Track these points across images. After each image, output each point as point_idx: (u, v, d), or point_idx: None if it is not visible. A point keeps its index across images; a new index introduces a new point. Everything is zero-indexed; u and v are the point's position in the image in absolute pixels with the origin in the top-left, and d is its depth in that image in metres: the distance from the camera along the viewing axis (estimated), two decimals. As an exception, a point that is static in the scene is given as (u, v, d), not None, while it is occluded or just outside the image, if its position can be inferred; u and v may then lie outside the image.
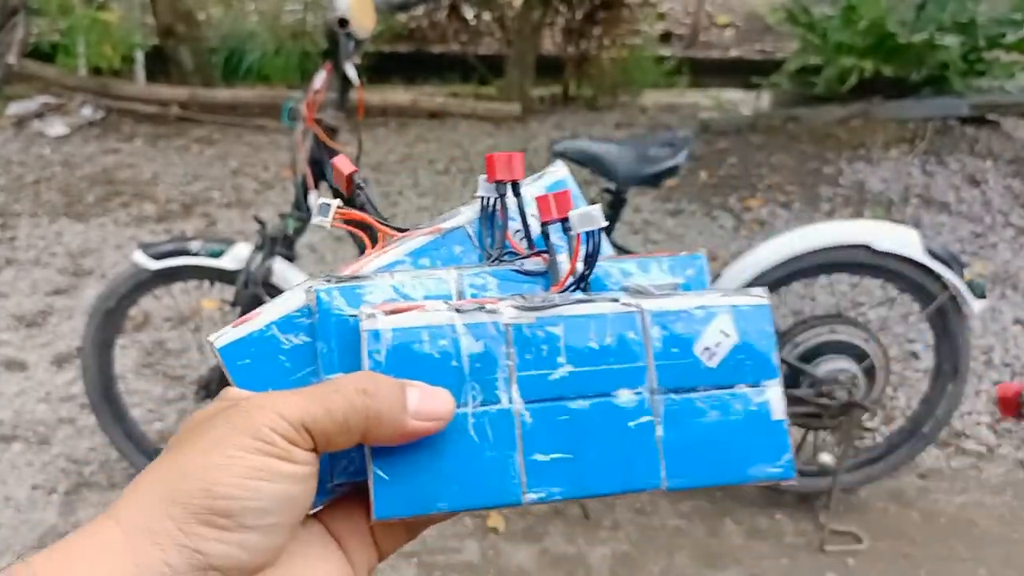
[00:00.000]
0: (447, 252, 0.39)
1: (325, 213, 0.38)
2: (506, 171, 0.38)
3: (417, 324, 0.34)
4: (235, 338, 0.35)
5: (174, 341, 2.68)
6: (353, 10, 1.61)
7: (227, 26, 5.65)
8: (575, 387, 0.35)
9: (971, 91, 4.26)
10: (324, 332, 0.34)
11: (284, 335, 0.35)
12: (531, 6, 4.79)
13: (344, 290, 0.35)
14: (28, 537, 1.96)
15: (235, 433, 0.30)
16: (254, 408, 0.30)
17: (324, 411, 0.30)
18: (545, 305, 0.35)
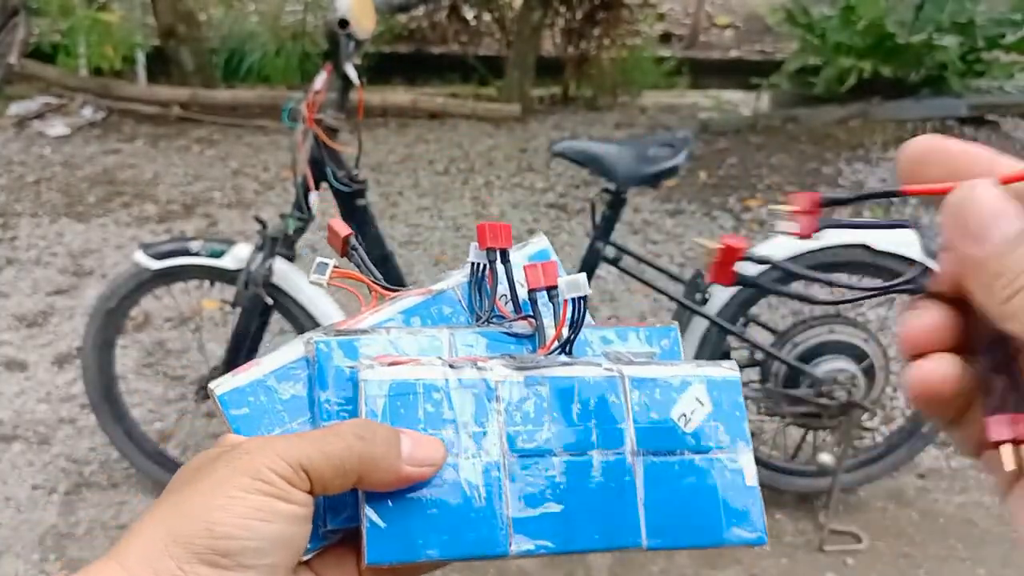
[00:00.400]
0: (437, 312, 0.41)
1: (322, 272, 0.41)
2: (496, 240, 0.41)
3: (413, 377, 0.35)
4: (234, 387, 0.36)
5: (175, 341, 2.68)
6: (353, 11, 1.61)
7: (228, 27, 5.65)
8: (560, 444, 0.36)
9: (970, 91, 4.27)
10: (322, 381, 0.36)
11: (281, 385, 0.37)
12: (531, 7, 4.79)
13: (342, 343, 0.37)
14: (28, 537, 1.96)
15: (236, 474, 0.30)
16: (255, 450, 0.31)
17: (322, 454, 0.31)
18: (533, 365, 0.37)
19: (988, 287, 0.23)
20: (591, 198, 3.51)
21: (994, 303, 0.23)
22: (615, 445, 0.37)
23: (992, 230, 0.24)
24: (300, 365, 0.37)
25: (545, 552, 0.35)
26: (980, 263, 0.24)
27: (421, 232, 3.43)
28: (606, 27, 5.02)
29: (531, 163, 4.14)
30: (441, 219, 3.54)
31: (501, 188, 3.86)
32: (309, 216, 1.81)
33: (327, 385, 0.36)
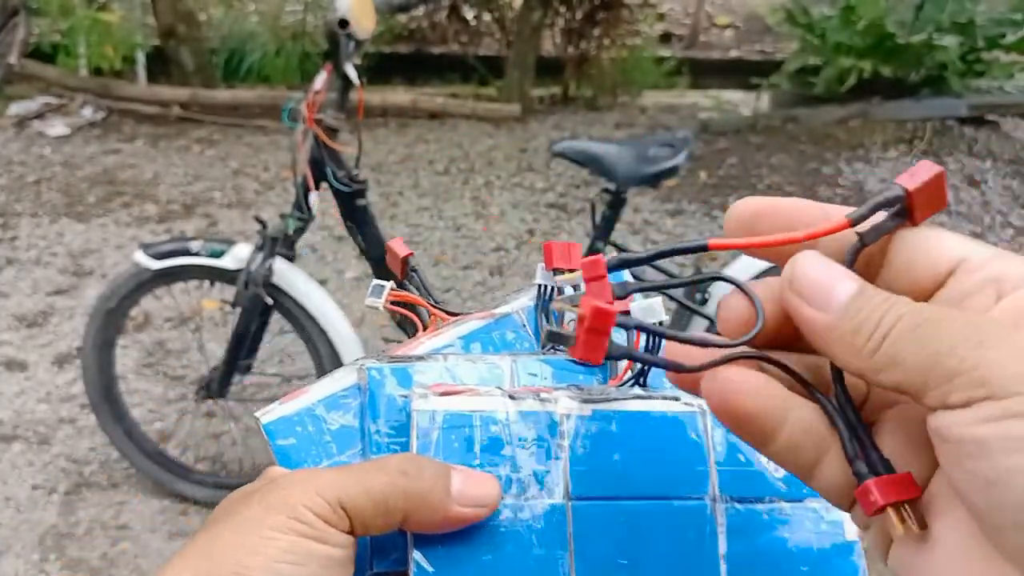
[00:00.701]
0: (499, 338, 0.38)
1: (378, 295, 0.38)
2: (564, 260, 0.38)
3: (469, 408, 0.33)
4: (281, 415, 0.34)
5: (175, 341, 2.68)
6: (353, 11, 1.61)
7: (228, 27, 5.65)
8: (630, 487, 0.33)
9: (970, 91, 4.27)
10: (373, 410, 0.34)
11: (331, 414, 0.34)
12: (531, 7, 4.79)
13: (396, 370, 0.34)
14: (28, 537, 1.96)
15: (269, 512, 0.28)
16: (291, 485, 0.29)
17: (363, 490, 0.29)
18: (602, 398, 0.33)
19: (849, 345, 0.24)
20: (591, 198, 3.51)
21: (860, 359, 0.23)
22: (695, 490, 0.33)
23: (833, 294, 0.24)
24: (351, 393, 0.34)
25: None
26: (832, 326, 0.24)
27: (421, 232, 3.44)
28: (606, 27, 5.03)
29: (531, 163, 4.15)
30: (441, 219, 3.55)
31: (501, 188, 3.86)
32: (309, 216, 1.81)
33: (378, 415, 0.34)
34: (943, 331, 0.22)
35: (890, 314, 0.23)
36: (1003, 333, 0.21)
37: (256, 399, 2.34)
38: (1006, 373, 0.20)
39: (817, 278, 0.25)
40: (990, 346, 0.21)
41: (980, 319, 0.22)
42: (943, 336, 0.22)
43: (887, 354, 0.22)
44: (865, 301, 0.24)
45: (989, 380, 0.20)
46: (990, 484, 0.20)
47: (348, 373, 0.35)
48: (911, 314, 0.23)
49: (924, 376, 0.22)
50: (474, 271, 3.15)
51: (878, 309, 0.23)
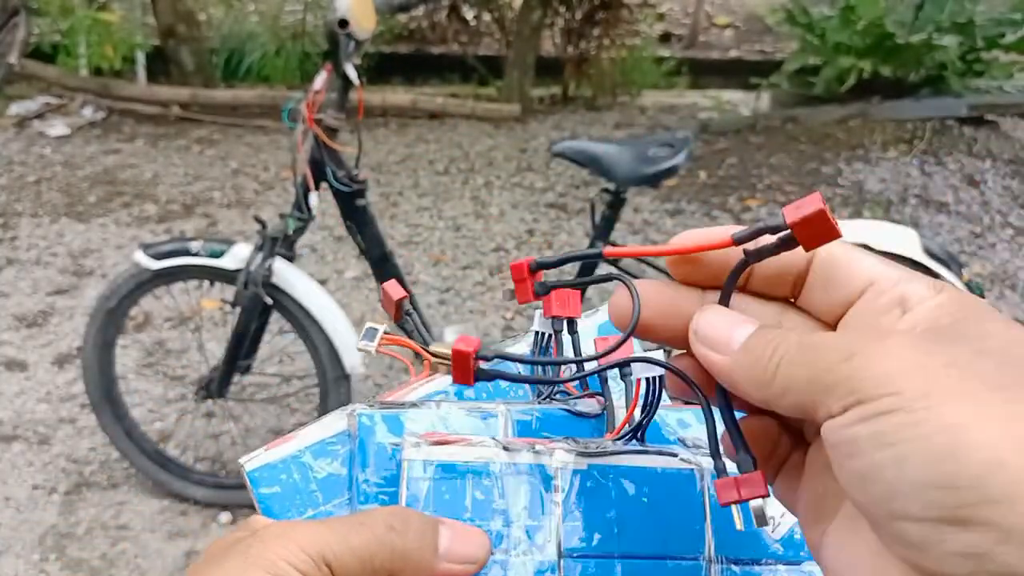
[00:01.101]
0: (495, 384, 0.38)
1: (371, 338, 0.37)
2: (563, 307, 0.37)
3: (462, 459, 0.32)
4: (265, 462, 0.33)
5: (175, 341, 2.69)
6: (353, 11, 1.62)
7: (227, 27, 5.65)
8: (625, 544, 0.32)
9: (969, 91, 4.27)
10: (363, 458, 0.33)
11: (317, 461, 0.33)
12: (531, 7, 4.80)
13: (387, 416, 0.33)
14: (28, 537, 1.97)
15: (248, 568, 0.27)
16: (272, 538, 0.28)
17: (348, 547, 0.28)
18: (599, 452, 0.33)
19: (749, 379, 0.26)
20: (591, 198, 3.51)
21: (760, 390, 0.26)
22: (691, 550, 0.32)
23: (731, 339, 0.27)
24: (340, 440, 0.33)
25: None
26: (733, 366, 0.27)
27: (421, 232, 3.44)
28: (606, 27, 5.03)
29: (531, 163, 4.15)
30: (441, 219, 3.55)
31: (501, 188, 3.86)
32: (309, 216, 1.82)
33: (368, 463, 0.32)
34: (821, 352, 0.24)
35: (780, 346, 0.25)
36: (870, 344, 0.23)
37: (256, 399, 2.34)
38: (871, 375, 0.22)
39: (717, 327, 0.28)
40: (858, 357, 0.23)
41: (852, 335, 0.24)
42: (821, 357, 0.24)
43: (780, 382, 0.25)
44: (759, 339, 0.26)
45: (858, 387, 0.22)
46: (863, 479, 0.22)
47: (338, 419, 0.34)
48: (798, 342, 0.25)
49: (812, 396, 0.24)
50: (474, 271, 3.15)
51: (770, 344, 0.26)
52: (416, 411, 0.34)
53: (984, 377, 0.21)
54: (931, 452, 0.21)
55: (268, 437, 2.24)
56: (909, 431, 0.21)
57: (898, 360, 0.22)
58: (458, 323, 2.59)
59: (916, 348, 0.22)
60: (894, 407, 0.21)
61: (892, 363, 0.22)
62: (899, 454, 0.21)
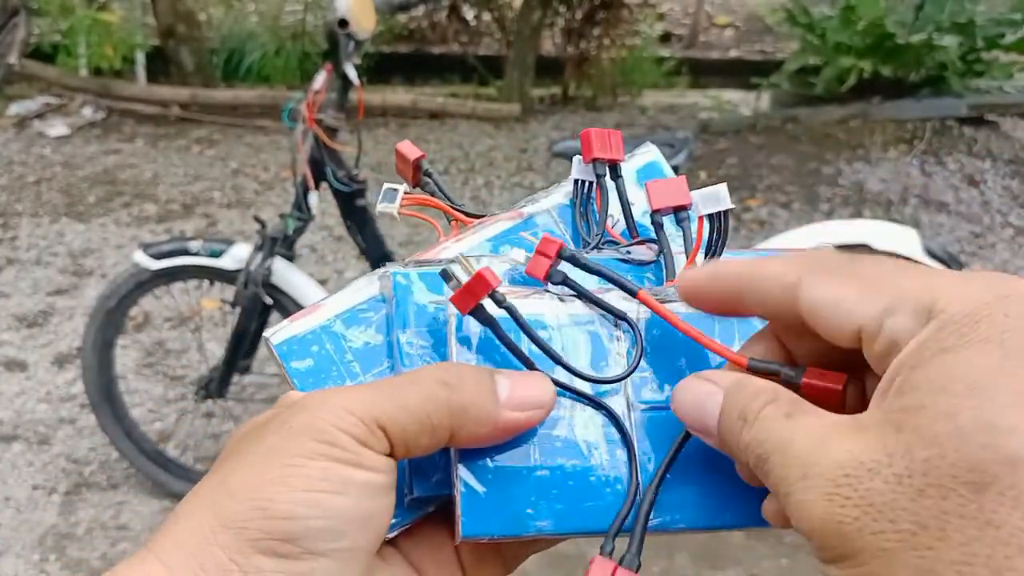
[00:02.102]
0: (532, 238, 0.34)
1: (391, 199, 0.34)
2: (605, 150, 0.34)
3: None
4: (293, 334, 0.30)
5: (174, 341, 2.68)
6: (353, 11, 1.61)
7: (227, 27, 5.65)
8: None
9: (969, 91, 4.27)
10: (403, 320, 0.30)
11: (351, 330, 0.30)
12: (531, 7, 4.80)
13: (424, 275, 0.30)
14: (28, 537, 1.96)
15: (294, 437, 0.25)
16: (316, 405, 0.25)
17: (401, 407, 0.25)
18: (663, 299, 0.30)
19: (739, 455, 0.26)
20: (591, 198, 3.50)
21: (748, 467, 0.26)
22: None
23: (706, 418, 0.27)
24: (372, 306, 0.30)
25: (683, 527, 0.29)
26: (722, 445, 0.26)
27: (421, 232, 3.44)
28: (606, 27, 5.02)
29: (531, 163, 4.15)
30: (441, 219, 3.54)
31: (501, 188, 3.86)
32: (309, 216, 1.81)
33: (408, 324, 0.29)
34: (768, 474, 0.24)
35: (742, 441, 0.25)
36: (796, 486, 0.22)
37: (256, 399, 2.34)
38: (806, 529, 0.22)
39: (693, 404, 0.27)
40: (791, 499, 0.23)
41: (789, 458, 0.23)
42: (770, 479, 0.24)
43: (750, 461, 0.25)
44: (731, 409, 0.26)
45: (803, 530, 0.22)
46: None
47: (368, 283, 0.31)
48: (751, 447, 0.24)
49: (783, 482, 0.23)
50: (474, 271, 3.15)
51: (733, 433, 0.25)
52: (455, 267, 0.30)
53: (899, 519, 0.20)
54: None
55: (268, 437, 2.24)
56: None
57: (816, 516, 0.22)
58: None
59: (831, 496, 0.21)
60: (834, 559, 0.22)
61: (812, 520, 0.22)
62: None
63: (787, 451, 0.23)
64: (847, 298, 0.24)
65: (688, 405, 0.27)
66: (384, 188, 0.34)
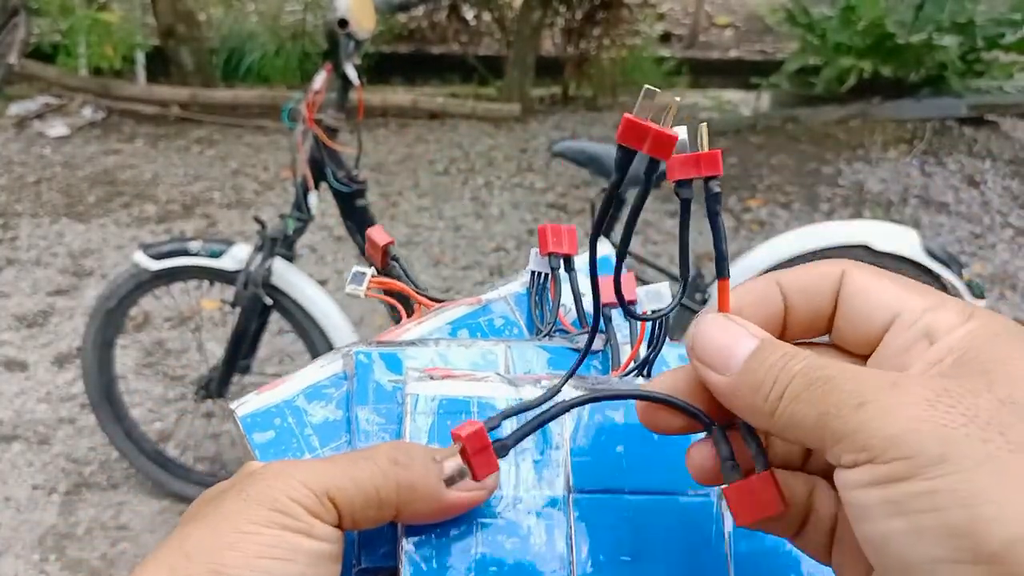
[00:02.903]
0: (488, 324, 0.37)
1: (359, 282, 0.37)
2: (559, 245, 0.37)
3: (466, 394, 0.31)
4: (258, 407, 0.32)
5: (174, 341, 2.69)
6: (353, 11, 1.61)
7: (227, 27, 5.65)
8: (634, 481, 0.31)
9: (969, 91, 4.27)
10: (362, 397, 0.31)
11: (312, 405, 0.32)
12: (531, 7, 4.80)
13: (385, 355, 0.32)
14: (28, 537, 1.96)
15: (249, 505, 0.26)
16: (272, 475, 0.27)
17: (351, 481, 0.27)
18: (605, 388, 0.32)
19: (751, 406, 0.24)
20: (591, 198, 3.51)
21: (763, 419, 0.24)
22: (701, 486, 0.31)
23: (732, 356, 0.25)
24: (334, 383, 0.32)
25: None
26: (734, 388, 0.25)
27: (421, 232, 3.44)
28: (606, 27, 5.02)
29: (531, 163, 4.15)
30: (441, 219, 3.55)
31: (501, 188, 3.86)
32: (308, 216, 1.81)
33: (366, 401, 0.31)
34: (831, 391, 0.22)
35: (784, 372, 0.24)
36: (881, 393, 0.22)
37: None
38: (883, 435, 0.21)
39: (717, 341, 0.26)
40: (870, 406, 0.21)
41: (864, 375, 0.23)
42: (830, 396, 0.22)
43: (785, 414, 0.23)
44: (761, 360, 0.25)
45: (869, 444, 0.21)
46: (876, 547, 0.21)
47: (332, 360, 0.33)
48: (804, 372, 0.23)
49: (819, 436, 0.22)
50: (474, 271, 3.15)
51: (774, 368, 0.24)
52: (415, 349, 0.33)
53: (1009, 433, 0.20)
54: (947, 527, 0.19)
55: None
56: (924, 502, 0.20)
57: (912, 416, 0.21)
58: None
59: (932, 402, 0.21)
60: (907, 473, 0.20)
61: (905, 420, 0.21)
62: (913, 526, 0.20)
63: (862, 372, 0.23)
64: (890, 289, 0.26)
65: (714, 339, 0.26)
66: (353, 271, 0.37)
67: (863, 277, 0.27)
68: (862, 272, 0.27)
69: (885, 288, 0.26)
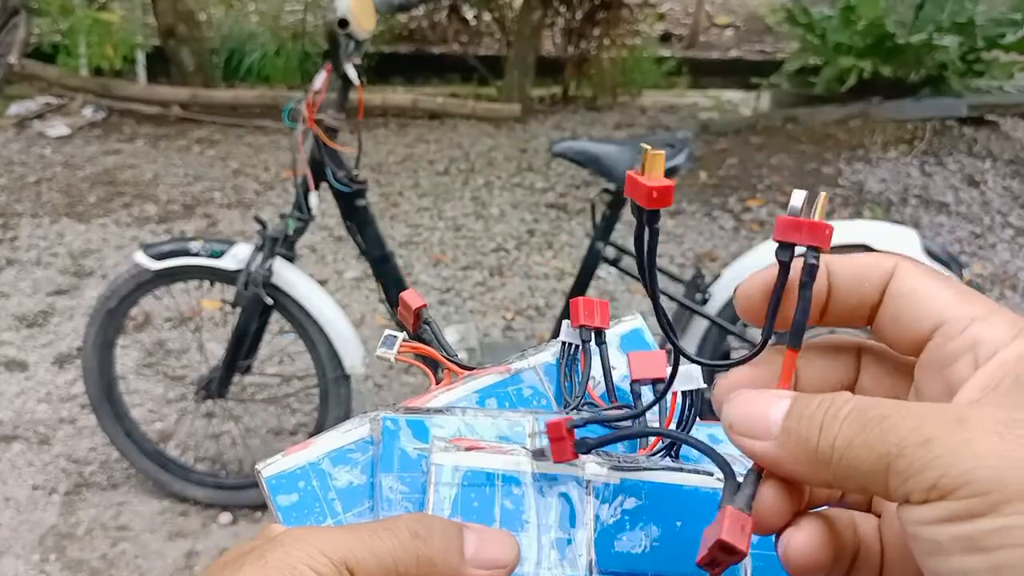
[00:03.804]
0: (516, 393, 0.37)
1: (390, 345, 0.37)
2: (591, 318, 0.37)
3: (492, 466, 0.31)
4: (283, 469, 0.32)
5: (175, 341, 2.69)
6: (353, 11, 1.62)
7: (228, 27, 5.66)
8: (658, 564, 0.31)
9: (969, 91, 4.27)
10: (386, 463, 0.31)
11: (336, 469, 0.32)
12: (531, 7, 4.80)
13: (412, 422, 0.32)
14: (28, 537, 1.97)
15: (267, 572, 0.26)
16: (292, 542, 0.27)
17: (370, 552, 0.27)
18: (632, 467, 0.31)
19: (803, 464, 0.24)
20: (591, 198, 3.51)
21: (817, 473, 0.24)
22: (726, 573, 0.30)
23: (768, 420, 0.25)
24: (360, 448, 0.32)
25: None
26: (780, 448, 0.25)
27: (421, 232, 3.44)
28: (606, 27, 5.03)
29: (531, 163, 4.15)
30: (441, 219, 3.55)
31: (501, 188, 3.86)
32: (309, 216, 1.81)
33: (391, 468, 0.31)
34: (889, 430, 0.22)
35: (829, 419, 0.23)
36: (946, 429, 0.21)
37: (256, 399, 2.34)
38: (955, 472, 0.21)
39: (749, 411, 0.26)
40: (935, 444, 0.21)
41: (923, 411, 0.22)
42: (890, 436, 0.22)
43: (843, 462, 0.23)
44: (800, 415, 0.24)
45: (940, 482, 0.21)
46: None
47: (359, 424, 0.33)
48: (854, 416, 0.23)
49: (881, 480, 0.22)
50: (474, 271, 3.15)
51: (815, 417, 0.24)
52: (442, 417, 0.33)
53: None
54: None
55: (268, 437, 2.24)
56: (1004, 537, 0.20)
57: (983, 452, 0.20)
58: (458, 323, 2.59)
59: (1002, 434, 0.21)
60: (985, 510, 0.20)
61: (976, 456, 0.20)
62: (992, 563, 0.20)
63: (919, 407, 0.23)
64: (939, 294, 0.26)
65: (746, 411, 0.26)
66: (385, 334, 0.37)
67: (914, 276, 0.27)
68: (914, 271, 0.27)
69: (934, 292, 0.26)
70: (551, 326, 2.71)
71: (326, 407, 1.92)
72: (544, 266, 3.19)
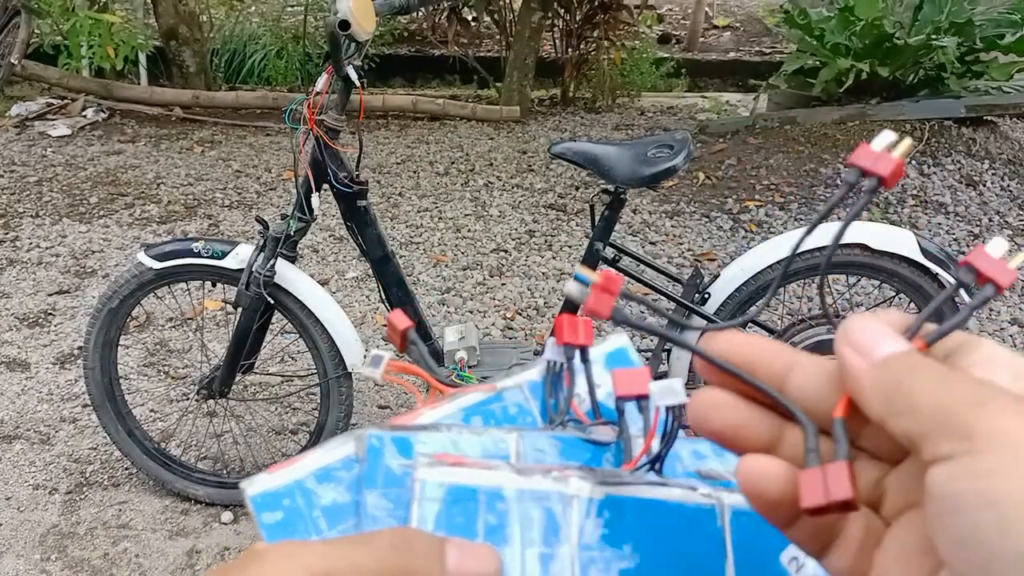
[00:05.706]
0: (501, 411, 0.37)
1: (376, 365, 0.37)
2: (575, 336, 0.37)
3: (475, 482, 0.31)
4: (267, 488, 0.32)
5: (176, 341, 2.70)
6: (354, 13, 1.63)
7: (229, 28, 5.67)
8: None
9: (968, 92, 4.28)
10: (371, 480, 0.32)
11: (321, 487, 0.32)
12: (530, 8, 4.81)
13: (397, 439, 0.32)
14: (29, 537, 1.97)
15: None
16: (273, 557, 0.27)
17: (351, 566, 0.27)
18: (616, 481, 0.31)
19: (876, 389, 0.26)
20: (590, 199, 3.52)
21: (882, 403, 0.25)
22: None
23: (877, 348, 0.27)
24: (345, 465, 0.33)
25: None
26: (867, 371, 0.26)
27: (422, 233, 3.45)
28: (605, 29, 5.04)
29: (531, 164, 4.16)
30: (441, 220, 3.56)
31: (501, 189, 3.87)
32: (311, 217, 1.83)
33: (375, 485, 0.32)
34: (956, 387, 0.23)
35: (920, 374, 0.25)
36: (1007, 399, 0.22)
37: (258, 398, 2.35)
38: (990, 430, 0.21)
39: (868, 333, 0.28)
40: (990, 407, 0.22)
41: (997, 388, 0.23)
42: (955, 392, 0.23)
43: (905, 401, 0.24)
44: (902, 359, 0.26)
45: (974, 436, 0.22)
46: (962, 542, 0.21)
47: (343, 444, 0.33)
48: (939, 375, 0.25)
49: (929, 425, 0.23)
50: (474, 272, 3.16)
51: (911, 368, 0.25)
52: (427, 434, 0.33)
53: None
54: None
55: (270, 436, 2.25)
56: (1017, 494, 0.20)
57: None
58: (458, 323, 2.60)
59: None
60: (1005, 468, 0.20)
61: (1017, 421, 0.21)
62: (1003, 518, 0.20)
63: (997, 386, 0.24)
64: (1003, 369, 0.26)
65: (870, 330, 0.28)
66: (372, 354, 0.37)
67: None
68: None
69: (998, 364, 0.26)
70: (550, 326, 2.72)
71: (327, 406, 1.93)
72: (543, 266, 3.20)
